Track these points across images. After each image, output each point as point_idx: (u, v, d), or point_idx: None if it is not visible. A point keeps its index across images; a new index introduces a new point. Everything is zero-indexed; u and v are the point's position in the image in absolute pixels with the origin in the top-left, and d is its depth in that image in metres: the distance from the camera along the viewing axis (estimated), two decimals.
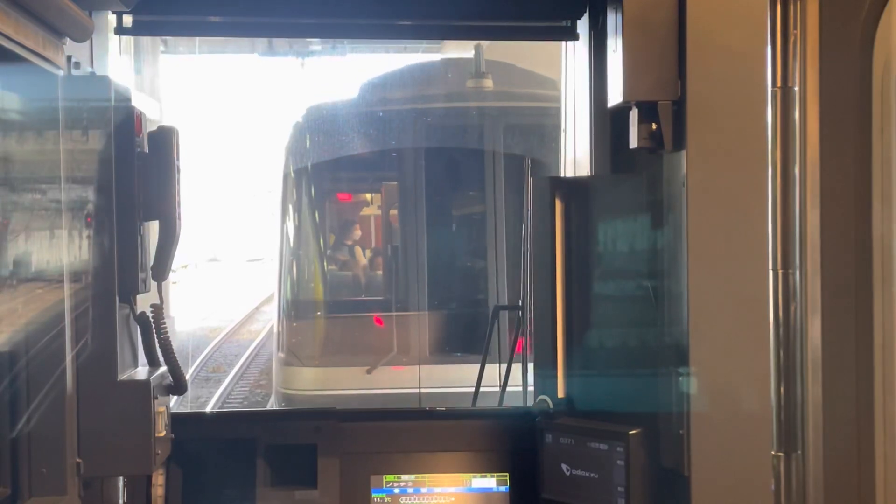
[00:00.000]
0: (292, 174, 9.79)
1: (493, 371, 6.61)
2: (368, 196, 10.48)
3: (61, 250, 2.98)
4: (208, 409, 15.76)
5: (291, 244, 9.90)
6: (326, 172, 9.89)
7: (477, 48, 9.71)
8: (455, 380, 8.48)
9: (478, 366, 6.79)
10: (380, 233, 10.39)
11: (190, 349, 18.67)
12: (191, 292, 29.74)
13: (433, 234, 9.35)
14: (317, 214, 10.00)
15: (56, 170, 2.96)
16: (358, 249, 10.44)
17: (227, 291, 36.79)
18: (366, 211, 10.59)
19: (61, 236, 2.97)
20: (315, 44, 26.65)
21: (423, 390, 8.59)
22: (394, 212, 9.86)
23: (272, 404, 10.73)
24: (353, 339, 9.48)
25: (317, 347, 9.64)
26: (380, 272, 10.31)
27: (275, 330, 10.38)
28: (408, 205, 9.52)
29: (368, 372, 9.10)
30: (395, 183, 9.67)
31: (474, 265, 9.41)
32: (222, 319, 27.97)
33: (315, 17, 3.89)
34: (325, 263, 10.07)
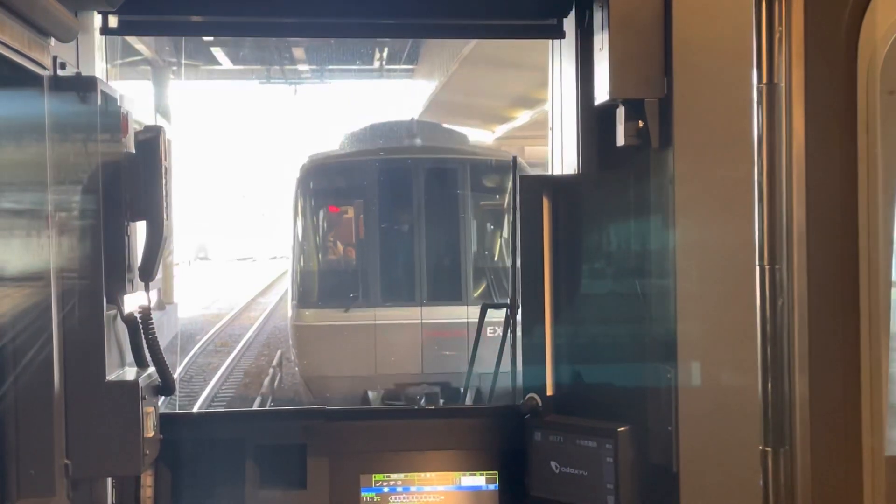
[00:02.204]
0: (300, 194, 15.74)
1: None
2: (350, 208, 16.45)
3: (48, 251, 2.97)
4: (223, 369, 20.83)
5: (300, 237, 15.91)
6: (321, 193, 16.01)
7: (411, 120, 17.25)
8: (398, 317, 14.69)
9: (411, 308, 13.54)
10: (353, 231, 16.45)
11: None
12: (189, 286, 34.63)
13: (385, 231, 15.44)
14: (316, 219, 16.08)
15: (42, 171, 2.95)
16: (340, 241, 16.64)
17: (221, 286, 42.91)
18: (345, 217, 16.68)
19: (48, 237, 2.97)
20: (305, 73, 31.59)
21: (377, 322, 14.64)
22: (362, 217, 16.05)
23: (290, 340, 17.09)
24: (336, 293, 15.33)
25: (313, 296, 15.55)
26: (353, 254, 16.33)
27: (289, 289, 16.78)
28: (370, 214, 15.51)
29: (345, 311, 14.86)
30: (364, 200, 15.77)
31: (408, 248, 15.24)
32: (222, 308, 33.11)
33: (300, 16, 3.88)
34: (319, 249, 16.17)
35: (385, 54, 30.24)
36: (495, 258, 15.95)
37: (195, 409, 16.45)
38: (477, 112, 33.59)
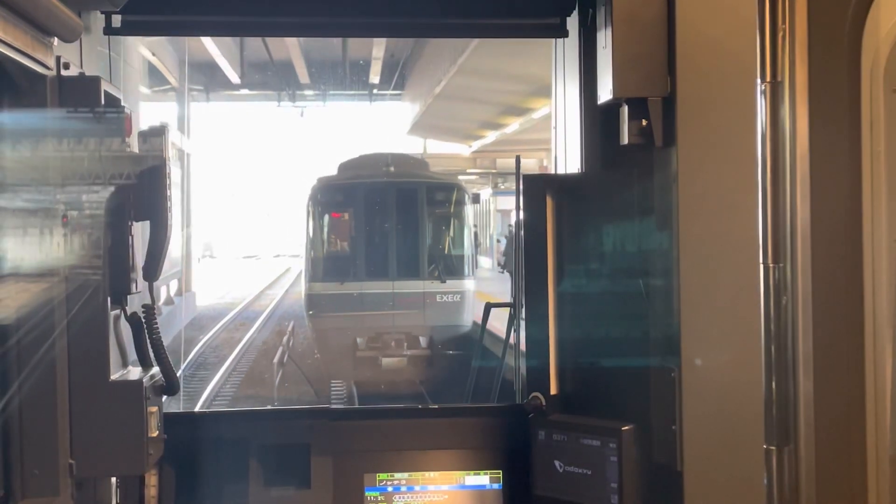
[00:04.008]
0: (310, 205, 23.08)
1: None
2: (346, 213, 23.42)
3: (51, 251, 2.97)
4: (245, 339, 27.50)
5: (311, 234, 23.10)
6: (328, 203, 23.24)
7: (388, 154, 24.65)
8: (377, 288, 21.78)
9: (386, 282, 21.96)
10: (347, 230, 23.35)
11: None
12: (201, 280, 40.06)
13: (368, 230, 22.72)
14: (322, 222, 23.36)
15: (45, 171, 2.95)
16: (340, 237, 23.59)
17: (230, 281, 49.26)
18: (343, 220, 23.62)
19: (51, 237, 2.97)
20: (310, 97, 40.31)
21: (363, 291, 21.80)
22: (354, 221, 23.20)
23: (302, 305, 24.10)
24: (335, 272, 22.58)
25: (320, 274, 22.73)
26: (347, 246, 23.25)
27: (303, 270, 24.58)
28: (359, 219, 22.79)
29: (341, 284, 22.15)
30: (354, 209, 22.97)
31: (384, 242, 22.61)
32: (235, 298, 39.43)
33: (304, 15, 3.89)
34: (322, 244, 23.27)
35: (374, 90, 39.67)
36: (445, 249, 23.39)
37: (204, 395, 20.40)
38: (454, 131, 43.91)
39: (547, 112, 29.08)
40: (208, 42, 28.91)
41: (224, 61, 31.85)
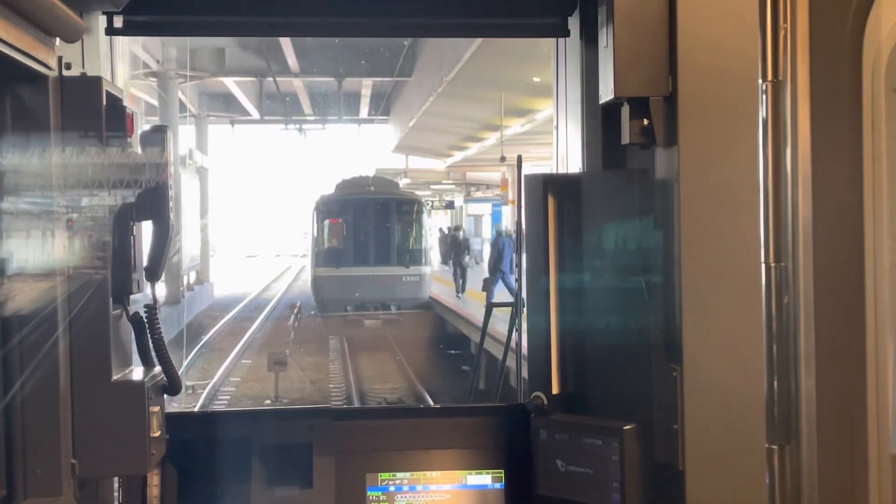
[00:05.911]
0: (315, 213, 36.56)
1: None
2: (340, 219, 36.11)
3: (54, 251, 2.98)
4: (260, 319, 34.68)
5: (315, 234, 36.64)
6: (327, 212, 36.49)
7: (370, 176, 41.17)
8: (361, 271, 35.15)
9: (368, 267, 35.85)
10: (341, 231, 36.29)
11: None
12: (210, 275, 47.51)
13: (356, 231, 36.13)
14: (323, 225, 36.62)
15: (47, 171, 2.96)
16: (336, 236, 36.61)
17: (237, 276, 56.94)
18: (338, 224, 36.04)
19: (53, 237, 2.98)
20: (311, 120, 51.31)
21: (354, 273, 34.94)
22: (346, 225, 36.54)
23: (309, 284, 37.35)
24: (332, 260, 35.63)
25: (322, 262, 35.78)
26: (341, 242, 36.24)
27: (309, 259, 38.02)
28: (349, 223, 36.24)
29: (337, 269, 35.06)
30: (345, 216, 36.22)
31: (367, 239, 36.08)
32: (246, 290, 47.20)
33: (307, 15, 3.89)
34: (324, 241, 36.57)
35: (366, 112, 50.71)
36: (409, 245, 35.50)
37: (240, 344, 26.97)
38: (430, 150, 55.37)
39: (494, 141, 40.11)
40: (230, 82, 39.14)
41: (243, 97, 42.76)
